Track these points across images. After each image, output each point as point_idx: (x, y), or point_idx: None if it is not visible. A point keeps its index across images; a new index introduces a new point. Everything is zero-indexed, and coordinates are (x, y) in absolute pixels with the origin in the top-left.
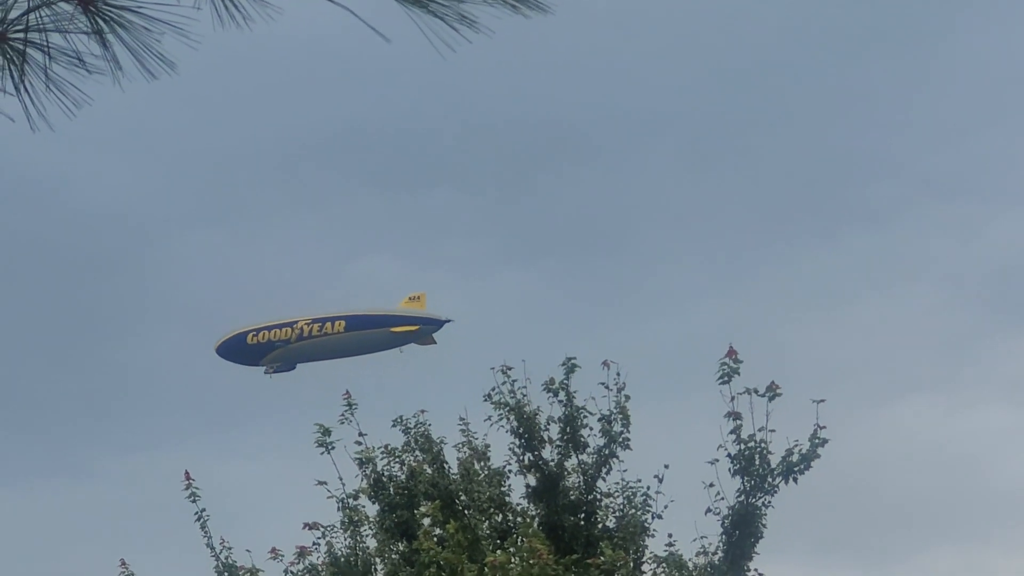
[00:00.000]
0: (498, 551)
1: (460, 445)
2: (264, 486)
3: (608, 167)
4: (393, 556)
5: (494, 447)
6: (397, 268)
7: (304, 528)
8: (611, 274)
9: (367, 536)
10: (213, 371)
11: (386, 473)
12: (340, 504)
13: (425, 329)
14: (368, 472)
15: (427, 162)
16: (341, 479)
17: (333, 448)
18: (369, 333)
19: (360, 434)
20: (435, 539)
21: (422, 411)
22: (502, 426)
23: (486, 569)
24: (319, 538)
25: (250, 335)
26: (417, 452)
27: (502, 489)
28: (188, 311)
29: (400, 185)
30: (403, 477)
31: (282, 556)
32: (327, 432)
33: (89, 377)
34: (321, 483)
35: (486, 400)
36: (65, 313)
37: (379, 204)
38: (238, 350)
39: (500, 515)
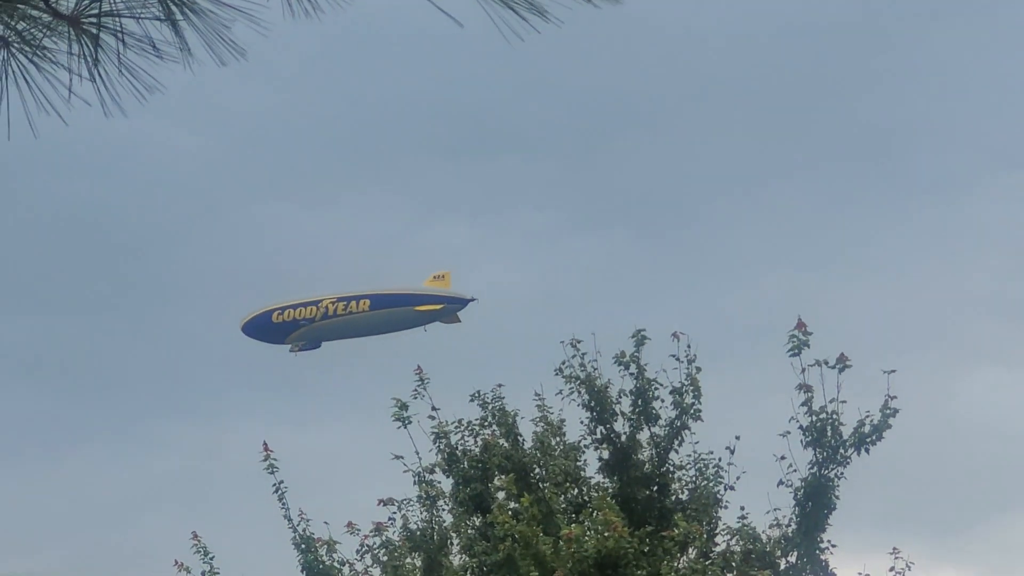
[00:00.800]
0: (572, 524)
1: (536, 419)
2: (340, 458)
3: (677, 136)
4: (468, 530)
5: (569, 421)
6: (466, 237)
7: (379, 504)
8: (679, 243)
9: (443, 510)
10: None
11: (460, 447)
12: (416, 478)
13: (450, 308)
14: (442, 446)
15: (496, 131)
16: (417, 453)
17: (410, 423)
18: (394, 311)
19: (433, 408)
20: (510, 512)
21: (499, 385)
22: (573, 399)
23: (561, 542)
24: (394, 512)
25: (275, 313)
26: (494, 426)
27: (577, 463)
28: (260, 282)
29: (469, 154)
30: (477, 451)
31: (358, 530)
32: (404, 406)
33: (161, 347)
34: (397, 457)
35: (557, 374)
36: (137, 285)
37: (448, 173)
38: (264, 328)
39: (574, 488)
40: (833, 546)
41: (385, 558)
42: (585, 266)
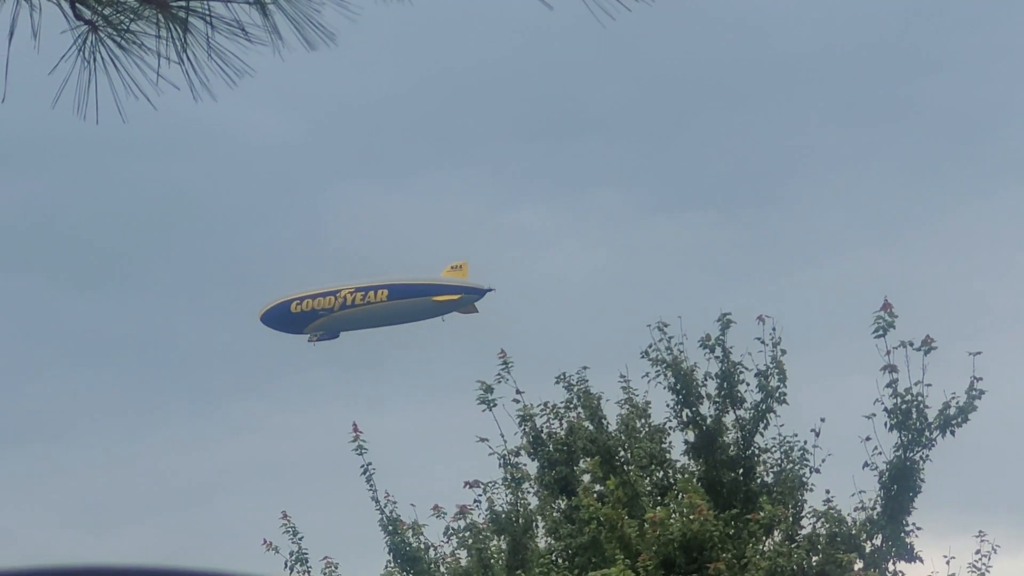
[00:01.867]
0: (658, 507)
1: (621, 402)
2: (423, 440)
3: (759, 115)
4: (553, 513)
5: (654, 404)
6: (548, 218)
7: (465, 487)
8: (760, 224)
9: (528, 493)
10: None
11: (545, 430)
12: (501, 461)
13: (467, 298)
14: (527, 429)
15: (578, 111)
16: (502, 436)
17: (494, 405)
18: (411, 302)
19: (518, 391)
20: (595, 495)
21: (584, 368)
22: (659, 382)
23: (646, 525)
24: (480, 495)
25: (294, 303)
26: (579, 409)
27: (662, 445)
28: (341, 262)
29: (551, 135)
30: (562, 433)
31: (444, 513)
32: (489, 389)
33: (242, 328)
34: (482, 440)
35: (643, 357)
36: (221, 266)
37: (530, 154)
38: (282, 318)
39: (660, 471)
40: (918, 529)
41: (470, 540)
42: (666, 247)
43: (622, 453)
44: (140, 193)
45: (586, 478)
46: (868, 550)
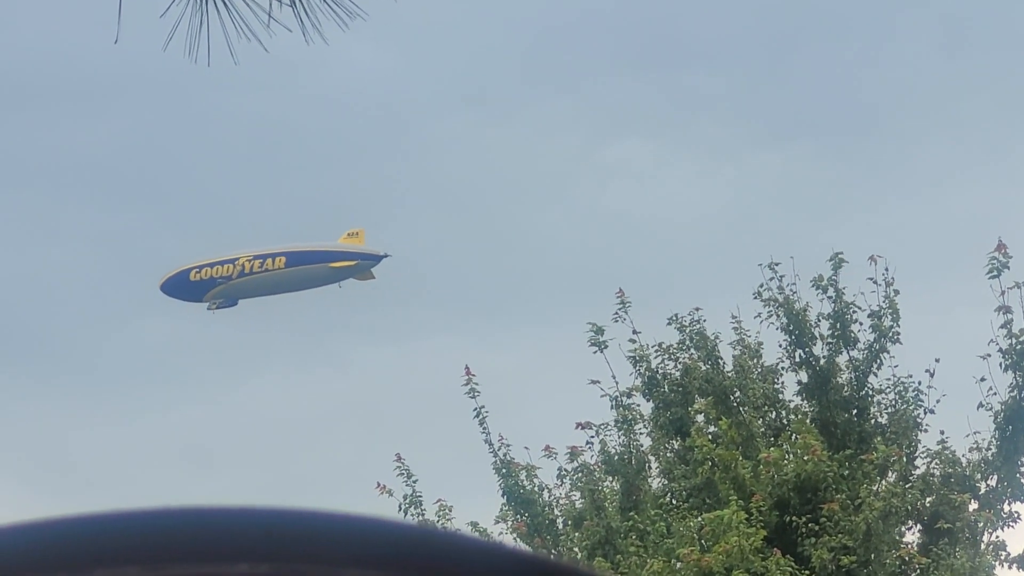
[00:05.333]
0: (771, 448)
1: (734, 343)
2: (532, 381)
3: (864, 45)
4: (667, 454)
5: (766, 344)
6: (649, 152)
7: (577, 428)
8: (868, 156)
9: (641, 434)
10: (470, 260)
11: (660, 371)
12: (613, 402)
13: (363, 264)
14: (642, 370)
15: (679, 42)
16: (615, 377)
17: (606, 347)
18: (309, 268)
19: (634, 332)
20: (709, 436)
21: (697, 308)
22: (772, 323)
23: (760, 466)
24: (592, 437)
25: (192, 272)
26: (692, 350)
27: (775, 386)
28: (444, 197)
29: (652, 67)
30: (677, 375)
31: (555, 454)
32: (600, 331)
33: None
34: (594, 382)
35: (755, 297)
36: (324, 202)
37: (630, 87)
38: (181, 287)
39: (773, 412)
40: None
41: (584, 482)
42: (770, 181)
43: (736, 394)
44: (248, 134)
45: (700, 419)
46: (982, 491)
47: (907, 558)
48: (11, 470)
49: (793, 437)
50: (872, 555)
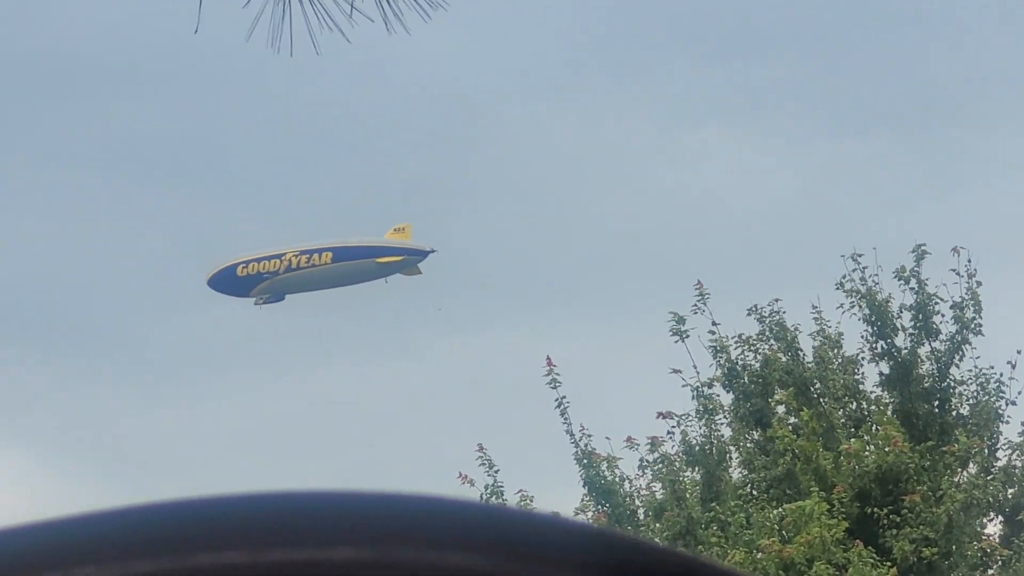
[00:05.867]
0: (852, 439)
1: (814, 333)
2: (611, 370)
3: (942, 29)
4: (748, 444)
5: (846, 335)
6: (727, 140)
7: (658, 417)
8: (948, 144)
9: (721, 425)
10: (546, 248)
11: (740, 362)
12: (694, 393)
13: (409, 259)
14: (722, 361)
15: (756, 30)
16: (695, 367)
17: (687, 336)
18: (355, 264)
19: (713, 323)
20: (790, 427)
21: (776, 299)
22: (854, 314)
23: (841, 457)
24: (673, 427)
25: (240, 267)
26: (772, 340)
27: (856, 377)
28: (518, 186)
29: (729, 54)
30: (757, 366)
31: (637, 444)
32: (681, 320)
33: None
34: (675, 371)
35: (837, 288)
36: (399, 193)
37: (707, 74)
38: (229, 282)
39: (854, 403)
40: None
41: (664, 473)
42: (850, 169)
43: (816, 385)
44: (326, 124)
45: (780, 410)
46: None
47: (988, 550)
48: (89, 460)
49: (874, 428)
50: (953, 547)
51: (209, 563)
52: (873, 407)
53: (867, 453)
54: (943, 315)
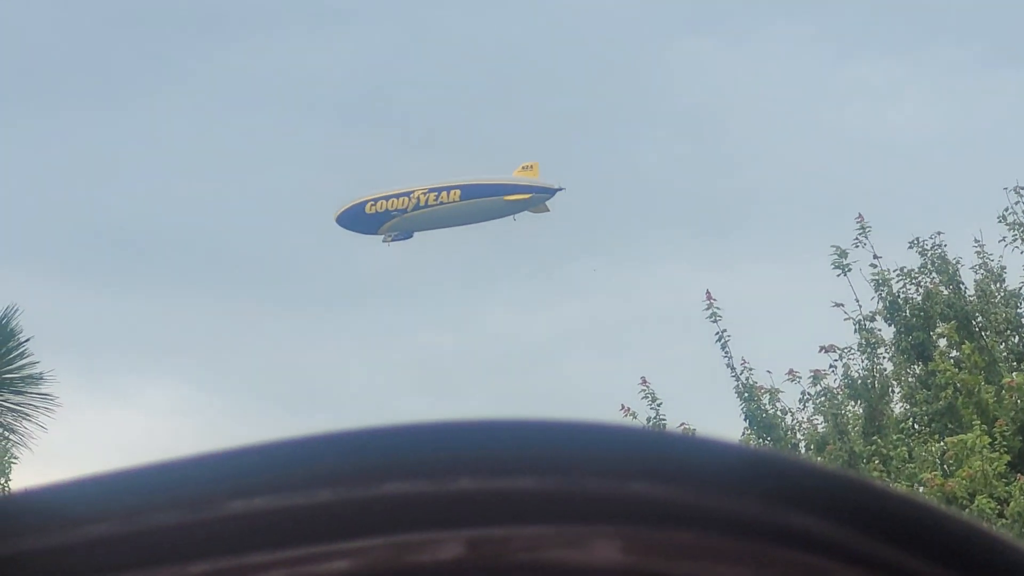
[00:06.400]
0: (1015, 372)
1: (976, 267)
2: (771, 304)
3: None
4: (909, 378)
5: (1009, 269)
6: (887, 73)
7: (820, 351)
8: None
9: (883, 359)
10: (704, 183)
11: (902, 295)
12: (856, 326)
13: (537, 197)
14: (883, 294)
15: None
16: (858, 301)
17: (849, 270)
18: (483, 202)
19: (875, 256)
20: (951, 361)
21: (938, 232)
22: (1017, 247)
23: (1003, 391)
24: (835, 360)
25: (368, 204)
26: (933, 274)
27: (1018, 311)
28: (680, 120)
29: None
30: (919, 299)
31: (799, 378)
32: (843, 254)
33: (586, 189)
34: (837, 305)
35: (1000, 221)
36: (558, 125)
37: (865, 7)
38: (357, 219)
39: (1016, 337)
40: None
41: (826, 406)
42: (1010, 101)
43: (979, 318)
44: (476, 56)
45: (942, 343)
46: None
47: None
48: (261, 390)
49: None
50: None
51: (394, 492)
52: None
53: None
54: None
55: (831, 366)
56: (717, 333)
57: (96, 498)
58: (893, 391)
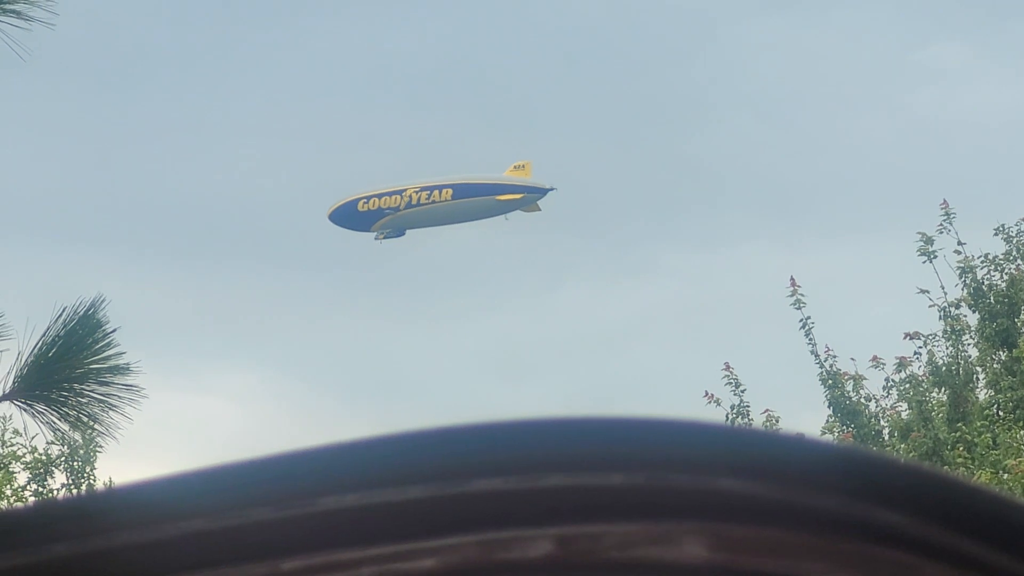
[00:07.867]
0: None
1: None
2: (853, 290)
3: None
4: (994, 365)
5: None
6: (964, 55)
7: (904, 338)
8: None
9: (968, 345)
10: (786, 167)
11: (986, 282)
12: (942, 313)
13: (529, 197)
14: (968, 281)
15: None
16: (943, 287)
17: (935, 257)
18: (475, 201)
19: (959, 243)
20: None
21: (1022, 219)
22: None
23: None
24: (920, 347)
25: (361, 202)
26: (1018, 260)
27: None
28: (754, 101)
29: None
30: (1003, 286)
31: (883, 364)
32: (929, 241)
33: (654, 170)
34: (923, 291)
35: None
36: (630, 108)
37: None
38: (350, 216)
39: None
40: None
41: (911, 393)
42: None
43: None
44: (547, 37)
45: None
46: None
47: None
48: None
49: None
50: None
51: (484, 489)
52: None
53: None
54: None
55: (915, 353)
56: (801, 320)
57: (190, 494)
58: (977, 378)
